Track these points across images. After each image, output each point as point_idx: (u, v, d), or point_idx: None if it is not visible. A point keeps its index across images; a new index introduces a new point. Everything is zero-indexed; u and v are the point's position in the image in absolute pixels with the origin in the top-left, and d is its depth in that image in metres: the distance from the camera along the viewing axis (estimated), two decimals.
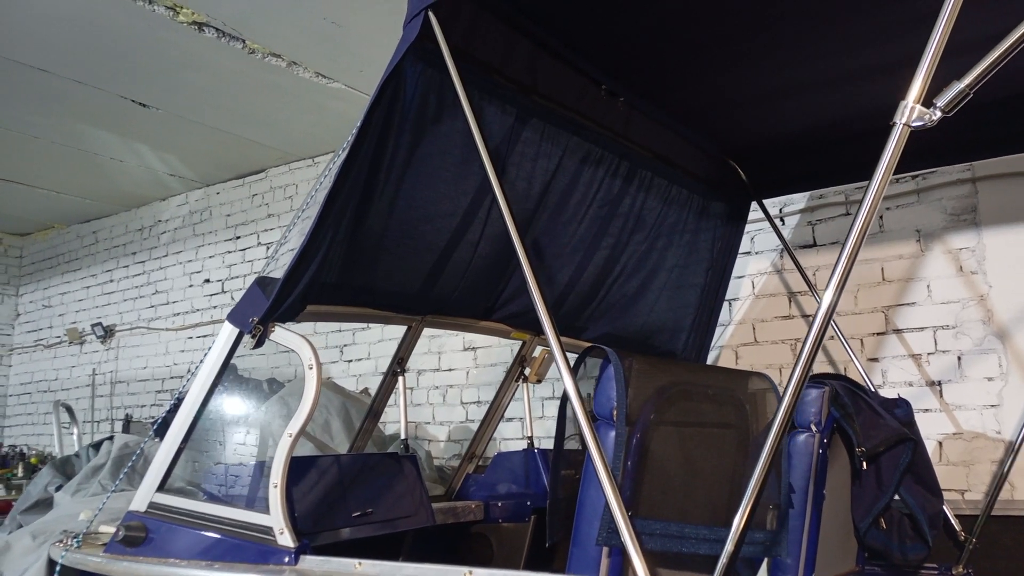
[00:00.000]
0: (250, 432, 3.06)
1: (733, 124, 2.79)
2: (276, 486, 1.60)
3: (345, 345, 5.50)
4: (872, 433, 2.22)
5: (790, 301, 3.55)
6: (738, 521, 1.16)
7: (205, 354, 1.82)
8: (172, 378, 6.73)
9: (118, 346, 7.27)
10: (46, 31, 4.05)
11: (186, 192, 6.87)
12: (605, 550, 1.42)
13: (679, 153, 2.84)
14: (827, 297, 1.23)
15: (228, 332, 1.80)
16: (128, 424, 6.80)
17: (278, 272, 1.93)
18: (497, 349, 4.67)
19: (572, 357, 3.99)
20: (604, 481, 1.26)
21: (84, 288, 7.79)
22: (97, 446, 3.13)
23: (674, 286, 3.10)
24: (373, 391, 4.92)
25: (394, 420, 3.71)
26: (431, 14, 1.69)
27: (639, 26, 2.12)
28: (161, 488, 1.84)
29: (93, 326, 7.40)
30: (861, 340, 3.30)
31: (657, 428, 1.48)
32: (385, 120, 1.84)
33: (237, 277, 6.35)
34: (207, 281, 6.58)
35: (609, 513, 1.34)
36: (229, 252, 6.45)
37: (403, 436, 2.54)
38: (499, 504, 2.90)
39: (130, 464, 2.31)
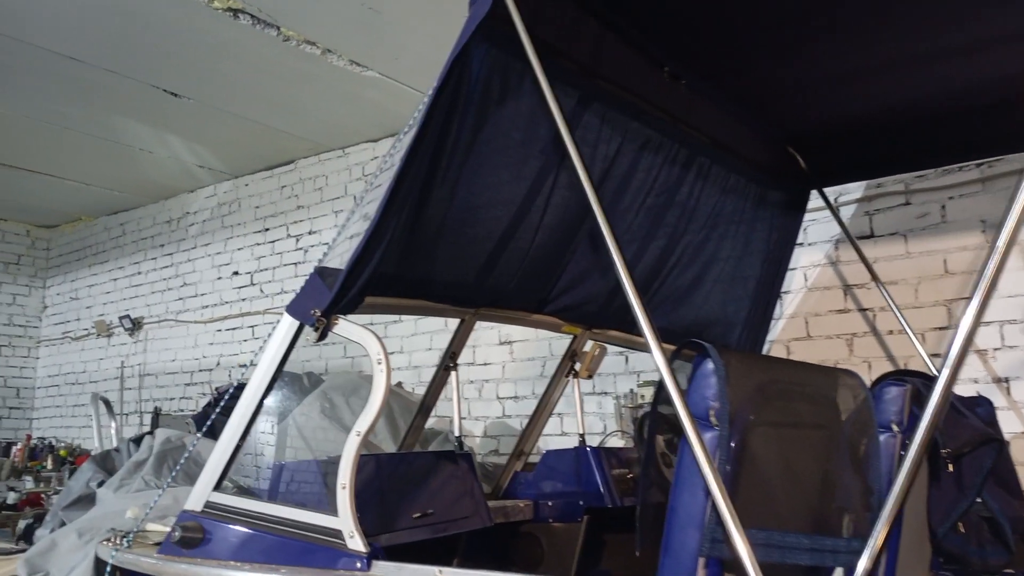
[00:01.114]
0: (296, 428, 2.99)
1: (793, 110, 2.68)
2: (344, 487, 1.51)
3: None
4: (955, 433, 2.11)
5: (845, 294, 3.43)
6: (876, 536, 1.05)
7: (262, 348, 1.74)
8: (201, 371, 6.70)
9: (146, 339, 7.26)
10: (79, 19, 3.99)
11: (215, 184, 6.83)
12: (702, 560, 1.32)
13: (738, 139, 2.73)
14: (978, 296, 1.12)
15: (287, 325, 1.72)
16: (157, 417, 6.78)
17: (336, 261, 1.84)
18: (534, 343, 4.57)
19: (624, 352, 3.87)
20: (713, 487, 1.17)
21: (112, 280, 7.78)
22: (138, 441, 3.08)
23: (729, 278, 2.99)
24: (405, 387, 4.87)
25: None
26: None
27: (704, 8, 2.03)
28: (218, 487, 1.76)
29: (121, 318, 7.39)
30: (923, 335, 3.18)
31: (756, 429, 1.38)
32: (450, 102, 1.75)
33: (266, 269, 6.30)
34: (236, 273, 6.54)
35: (713, 521, 1.25)
36: (258, 244, 6.40)
37: (457, 433, 2.46)
38: (549, 503, 2.81)
39: (180, 464, 2.24)
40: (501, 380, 4.72)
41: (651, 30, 2.13)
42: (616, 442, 4.14)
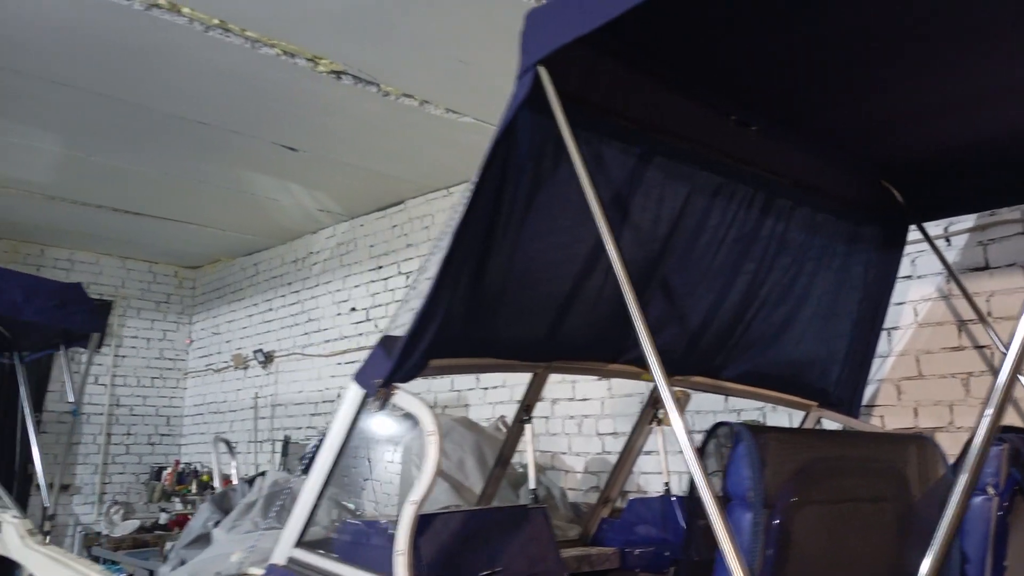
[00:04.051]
0: (400, 470, 3.10)
1: (885, 144, 2.54)
2: (402, 554, 1.59)
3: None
4: None
5: (960, 330, 3.19)
6: None
7: (334, 415, 1.86)
8: (324, 402, 7.10)
9: (277, 371, 7.77)
10: (208, 89, 4.40)
11: (334, 225, 7.26)
12: None
13: (823, 177, 2.63)
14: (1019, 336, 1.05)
15: (354, 393, 1.83)
16: (287, 445, 7.23)
17: (400, 329, 1.94)
18: (631, 381, 4.53)
19: (712, 398, 3.78)
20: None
21: (247, 316, 8.41)
22: (251, 481, 3.33)
23: (823, 318, 2.86)
24: (509, 419, 4.95)
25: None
26: (541, 69, 1.64)
27: (770, 53, 1.98)
28: (299, 543, 1.89)
29: (255, 352, 7.97)
30: None
31: (800, 510, 1.34)
32: (501, 175, 1.81)
33: (380, 305, 6.61)
34: (353, 309, 6.90)
35: None
36: (372, 281, 6.73)
37: (532, 486, 2.49)
38: (636, 552, 2.79)
39: (275, 509, 2.41)
40: (600, 416, 4.70)
41: (711, 83, 2.11)
42: (719, 482, 4.02)
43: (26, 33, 3.82)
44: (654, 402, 2.85)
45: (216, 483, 4.52)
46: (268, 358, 7.86)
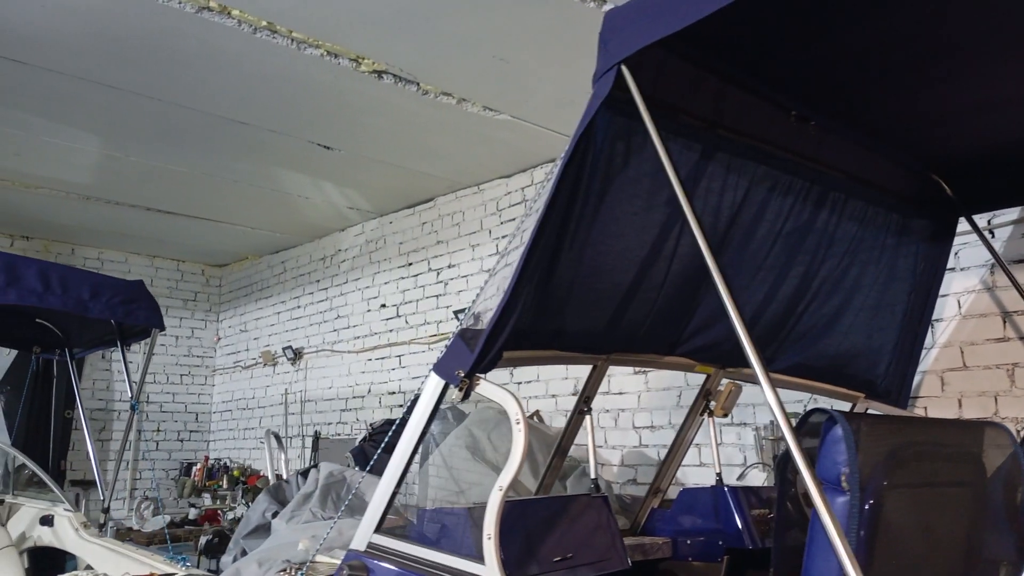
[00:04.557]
0: (445, 466, 3.19)
1: (936, 138, 2.58)
2: (490, 538, 1.65)
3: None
4: None
5: (1004, 321, 3.22)
6: None
7: (411, 404, 1.92)
8: (354, 397, 7.18)
9: (306, 367, 7.86)
10: (248, 88, 4.47)
11: (363, 222, 7.33)
12: None
13: (875, 171, 2.67)
14: None
15: (435, 384, 1.89)
16: (317, 440, 7.33)
17: (477, 321, 2.00)
18: (670, 373, 4.58)
19: (755, 390, 3.84)
20: (844, 558, 1.19)
21: (275, 314, 8.50)
22: (305, 473, 3.40)
23: (872, 310, 2.90)
24: (544, 416, 5.01)
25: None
26: (624, 67, 1.69)
27: (832, 51, 2.03)
28: (378, 529, 1.95)
29: (284, 349, 8.06)
30: None
31: (891, 493, 1.38)
32: (577, 174, 1.87)
33: (410, 302, 6.68)
34: (383, 306, 6.97)
35: None
36: (402, 278, 6.80)
37: (593, 476, 2.54)
38: (688, 542, 2.83)
39: (346, 499, 2.47)
40: (637, 410, 4.75)
41: (774, 80, 2.16)
42: (757, 475, 4.07)
43: (69, 33, 3.89)
44: (706, 393, 2.89)
45: (269, 476, 4.59)
46: (297, 354, 7.95)
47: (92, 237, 8.15)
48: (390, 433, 2.15)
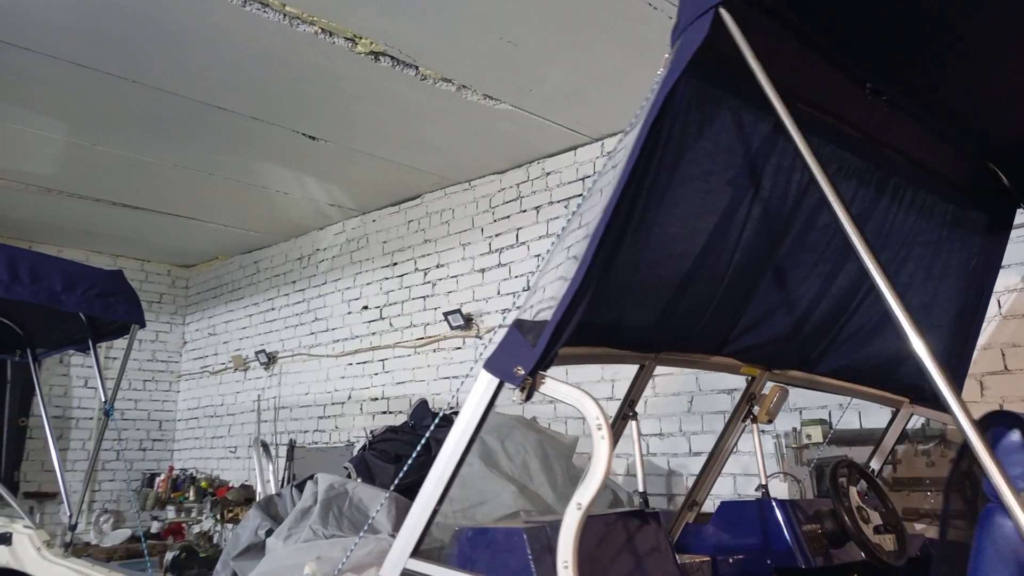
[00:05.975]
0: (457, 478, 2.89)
1: (997, 124, 2.41)
2: (567, 566, 1.38)
3: None
4: None
5: None
6: None
7: (454, 410, 1.64)
8: (333, 404, 6.82)
9: (280, 372, 7.48)
10: (234, 70, 4.14)
11: (343, 220, 6.99)
12: None
13: (934, 157, 2.48)
14: None
15: (486, 383, 1.61)
16: (292, 449, 6.95)
17: (525, 313, 1.73)
18: (679, 377, 4.36)
19: (798, 393, 3.60)
20: None
21: (247, 316, 8.10)
22: (300, 486, 3.09)
23: (923, 310, 2.71)
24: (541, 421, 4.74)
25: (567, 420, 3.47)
26: (724, 11, 1.45)
27: (912, 15, 1.83)
28: (415, 554, 1.67)
29: (256, 353, 7.66)
30: None
31: None
32: (653, 142, 1.61)
33: (395, 303, 6.37)
34: (365, 308, 6.64)
35: None
36: (386, 279, 6.49)
37: (641, 489, 2.29)
38: (730, 560, 2.59)
39: (371, 519, 2.18)
40: (643, 416, 4.51)
41: (853, 45, 1.95)
42: (780, 485, 3.85)
43: (38, 5, 3.53)
44: (750, 397, 2.66)
45: (259, 489, 4.25)
46: (271, 359, 7.56)
47: (51, 234, 7.67)
48: (376, 431, 1.86)
